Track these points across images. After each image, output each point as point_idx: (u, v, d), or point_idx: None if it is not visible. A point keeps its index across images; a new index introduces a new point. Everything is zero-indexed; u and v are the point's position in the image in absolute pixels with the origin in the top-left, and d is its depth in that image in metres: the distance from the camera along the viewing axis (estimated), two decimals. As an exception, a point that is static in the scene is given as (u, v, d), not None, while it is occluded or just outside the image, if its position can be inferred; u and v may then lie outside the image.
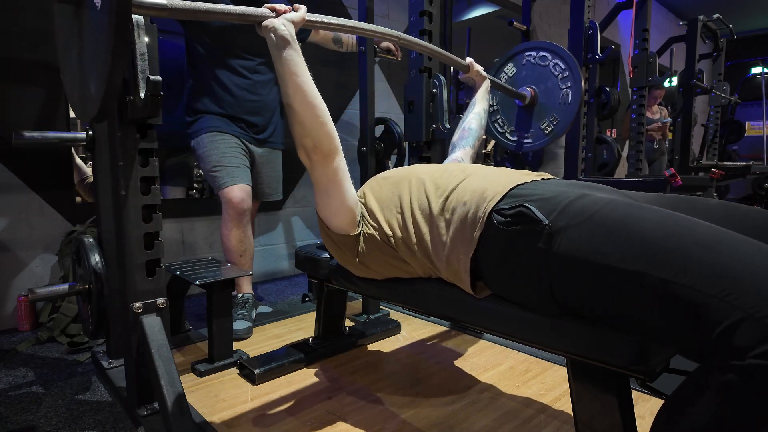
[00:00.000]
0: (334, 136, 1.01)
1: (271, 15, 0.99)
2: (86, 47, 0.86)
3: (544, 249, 0.75)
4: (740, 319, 0.54)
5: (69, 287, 1.34)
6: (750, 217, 0.83)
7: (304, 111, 0.97)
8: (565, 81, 1.82)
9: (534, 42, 2.00)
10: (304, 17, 1.03)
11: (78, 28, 0.90)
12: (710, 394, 0.56)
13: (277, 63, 0.97)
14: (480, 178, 0.93)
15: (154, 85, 0.99)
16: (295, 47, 0.97)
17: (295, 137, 1.01)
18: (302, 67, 0.97)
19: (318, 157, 1.00)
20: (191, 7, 0.92)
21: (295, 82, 0.96)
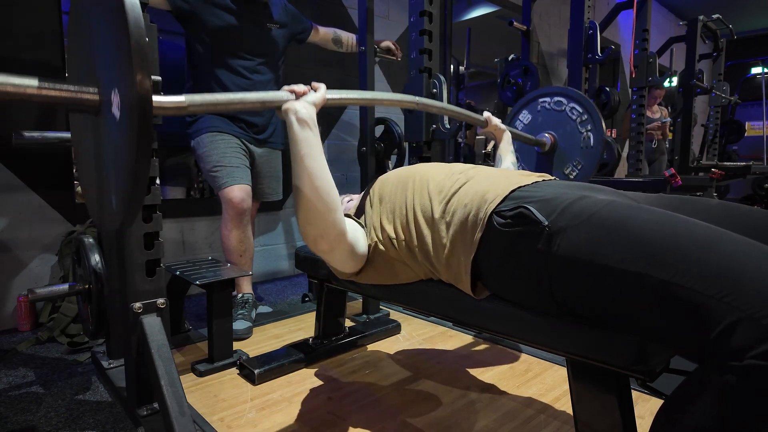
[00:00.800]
0: (340, 222, 0.94)
1: (291, 97, 0.95)
2: (105, 159, 0.80)
3: (544, 250, 0.75)
4: (738, 320, 0.54)
5: (69, 287, 1.34)
6: (750, 217, 0.83)
7: (312, 195, 0.90)
8: (585, 124, 1.78)
9: (547, 88, 1.96)
10: (324, 97, 0.99)
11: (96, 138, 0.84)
12: (709, 394, 0.56)
13: (293, 143, 0.93)
14: (481, 181, 0.93)
15: (154, 85, 0.99)
16: (315, 130, 0.93)
17: (299, 224, 0.95)
18: (318, 149, 0.93)
19: (325, 246, 0.95)
20: (211, 100, 0.88)
21: (308, 164, 0.91)
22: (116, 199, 0.75)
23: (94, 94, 0.75)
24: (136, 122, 0.64)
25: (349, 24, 3.01)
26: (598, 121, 1.76)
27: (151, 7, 1.45)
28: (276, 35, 1.96)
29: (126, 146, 0.67)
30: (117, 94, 0.69)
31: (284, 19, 1.99)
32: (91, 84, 0.76)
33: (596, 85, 3.43)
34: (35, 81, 0.68)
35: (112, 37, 0.70)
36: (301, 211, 0.92)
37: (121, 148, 0.70)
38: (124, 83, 0.66)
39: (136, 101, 0.63)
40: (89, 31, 0.81)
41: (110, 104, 0.71)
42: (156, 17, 1.13)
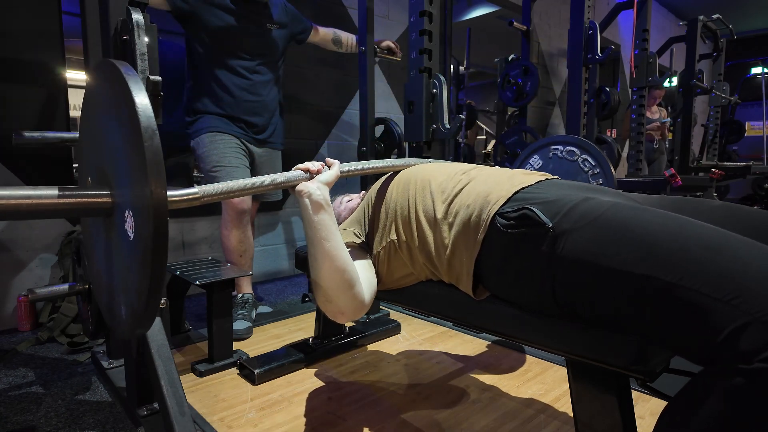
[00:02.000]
0: (360, 293, 0.93)
1: (305, 177, 0.93)
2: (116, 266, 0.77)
3: (548, 252, 0.75)
4: (747, 323, 0.54)
5: (69, 287, 1.34)
6: (753, 219, 0.83)
7: (331, 276, 0.90)
8: (596, 177, 1.77)
9: (560, 136, 1.96)
10: (338, 174, 0.98)
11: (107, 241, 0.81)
12: (716, 397, 0.55)
13: (308, 226, 0.91)
14: (483, 181, 0.93)
15: (154, 85, 0.99)
16: (329, 211, 0.92)
17: (317, 300, 0.94)
18: (334, 231, 0.92)
19: (348, 316, 0.95)
20: (224, 189, 0.85)
21: (325, 247, 0.90)
22: (126, 311, 0.72)
23: (106, 197, 0.74)
24: (152, 241, 0.62)
25: (349, 24, 3.01)
26: (610, 175, 1.75)
27: (151, 7, 1.44)
28: (276, 35, 1.96)
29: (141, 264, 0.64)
30: (131, 215, 0.67)
31: (284, 19, 1.99)
32: (103, 186, 0.75)
33: (596, 85, 3.44)
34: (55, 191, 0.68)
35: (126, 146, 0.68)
36: (319, 291, 0.92)
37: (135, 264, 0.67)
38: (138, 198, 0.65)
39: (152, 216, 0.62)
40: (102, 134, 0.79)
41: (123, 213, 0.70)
42: (156, 17, 1.13)
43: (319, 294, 0.92)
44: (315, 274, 0.91)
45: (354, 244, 1.05)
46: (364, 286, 0.95)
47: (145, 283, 0.63)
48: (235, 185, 0.86)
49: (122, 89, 0.66)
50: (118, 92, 0.69)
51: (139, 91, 0.65)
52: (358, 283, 0.93)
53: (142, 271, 0.64)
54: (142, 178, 0.62)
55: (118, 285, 0.77)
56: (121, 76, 0.67)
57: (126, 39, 1.04)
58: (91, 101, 0.84)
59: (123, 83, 0.66)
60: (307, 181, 0.93)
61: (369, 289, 0.97)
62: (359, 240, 1.06)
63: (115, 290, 0.79)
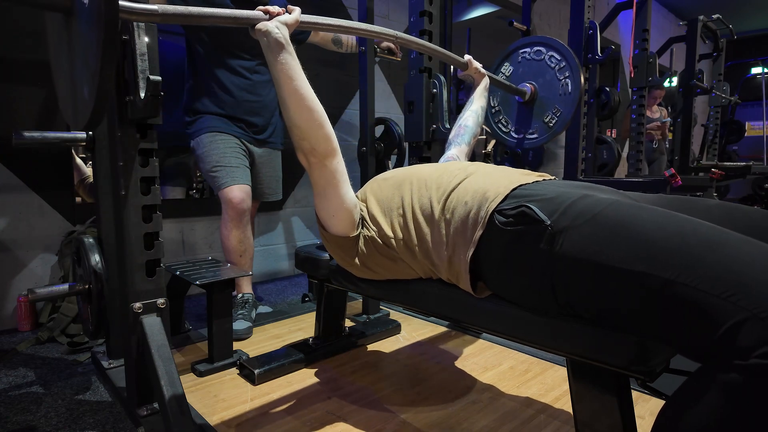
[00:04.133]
0: (331, 138, 1.00)
1: (264, 18, 0.97)
2: (77, 54, 0.86)
3: (546, 249, 0.75)
4: (744, 319, 0.54)
5: (69, 287, 1.34)
6: (751, 217, 0.83)
7: (300, 114, 0.96)
8: (563, 71, 1.82)
9: (527, 38, 2.00)
10: (298, 19, 1.01)
11: (68, 36, 0.89)
12: (714, 393, 0.56)
13: (272, 66, 0.96)
14: (481, 178, 0.93)
15: (154, 85, 0.99)
16: (290, 50, 0.96)
17: (293, 139, 1.00)
18: (297, 70, 0.96)
19: (316, 159, 1.00)
20: (183, 11, 0.90)
21: (291, 86, 0.95)
22: (88, 86, 0.79)
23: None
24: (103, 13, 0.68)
25: (349, 24, 3.01)
26: (576, 67, 1.79)
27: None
28: (276, 35, 1.95)
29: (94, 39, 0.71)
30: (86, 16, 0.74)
31: (284, 19, 1.99)
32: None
33: (596, 85, 3.43)
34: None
35: None
36: (293, 129, 0.97)
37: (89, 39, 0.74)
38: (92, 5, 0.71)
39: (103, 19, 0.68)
40: None
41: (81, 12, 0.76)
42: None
43: (293, 132, 0.98)
44: (286, 115, 0.97)
45: None
46: (341, 159, 1.03)
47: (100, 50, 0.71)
48: (195, 11, 0.92)
49: None
50: None
51: None
52: (328, 127, 0.99)
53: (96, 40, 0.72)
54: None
55: (78, 74, 0.85)
56: None
57: (126, 39, 1.04)
58: None
59: None
60: (266, 21, 0.96)
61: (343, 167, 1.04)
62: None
63: (76, 81, 0.87)
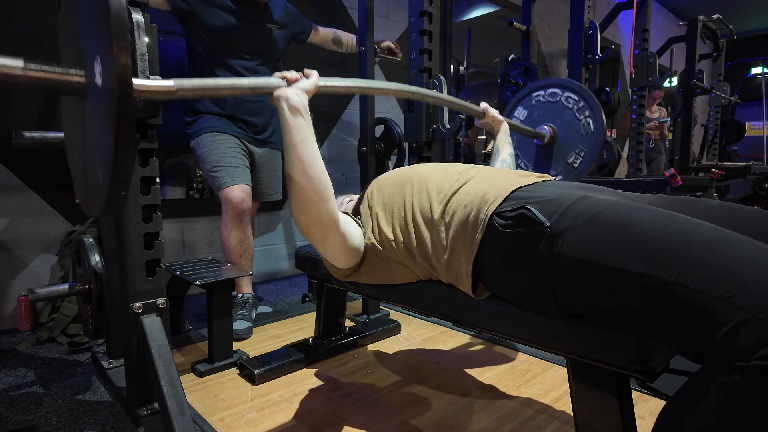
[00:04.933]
0: (333, 211, 0.93)
1: (283, 84, 0.94)
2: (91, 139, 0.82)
3: (546, 251, 0.75)
4: (744, 320, 0.54)
5: (69, 287, 1.34)
6: (751, 218, 0.83)
7: (304, 183, 0.90)
8: (582, 111, 1.75)
9: (540, 81, 1.94)
10: (316, 84, 0.98)
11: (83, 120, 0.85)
12: (714, 395, 0.55)
13: (285, 131, 0.92)
14: (481, 181, 0.93)
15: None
16: (307, 117, 0.92)
17: (293, 211, 0.95)
18: (310, 137, 0.92)
19: (317, 235, 0.94)
20: (200, 85, 0.86)
21: (299, 152, 0.90)
22: (102, 172, 0.76)
23: (80, 76, 0.75)
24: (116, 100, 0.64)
25: (349, 24, 3.01)
26: (596, 106, 1.71)
27: (151, 7, 1.44)
28: (276, 36, 1.96)
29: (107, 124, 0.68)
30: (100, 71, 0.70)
31: (284, 19, 1.99)
32: (79, 66, 0.77)
33: (596, 85, 3.43)
34: (20, 62, 0.69)
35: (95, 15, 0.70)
36: (293, 198, 0.92)
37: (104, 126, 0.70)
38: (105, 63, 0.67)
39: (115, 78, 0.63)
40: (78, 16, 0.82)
41: (94, 85, 0.72)
42: (156, 17, 1.13)
43: (294, 203, 0.92)
44: (289, 183, 0.92)
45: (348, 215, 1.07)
46: (342, 218, 0.97)
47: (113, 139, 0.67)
48: (212, 82, 0.88)
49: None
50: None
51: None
52: (332, 201, 0.92)
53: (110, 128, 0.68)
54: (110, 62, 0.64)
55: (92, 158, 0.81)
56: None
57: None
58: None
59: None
60: (285, 88, 0.94)
61: (345, 223, 0.98)
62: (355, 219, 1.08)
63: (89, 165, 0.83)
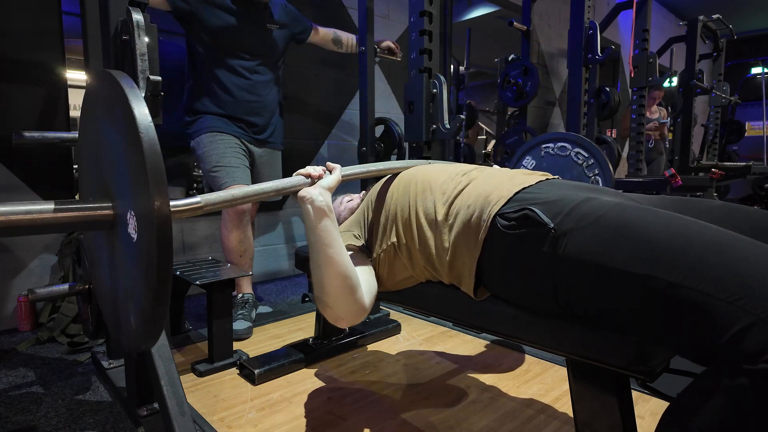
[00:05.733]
0: (362, 298, 0.93)
1: (307, 182, 0.93)
2: (123, 278, 0.77)
3: (549, 252, 0.74)
4: (751, 324, 0.54)
5: (69, 287, 1.34)
6: (754, 219, 0.82)
7: (333, 282, 0.89)
8: (591, 168, 1.75)
9: (550, 134, 1.94)
10: (339, 179, 0.98)
11: (111, 253, 0.81)
12: (720, 397, 0.55)
13: (310, 231, 0.91)
14: (484, 182, 0.93)
15: (154, 85, 0.99)
16: (332, 217, 0.92)
17: (318, 304, 0.93)
18: (336, 237, 0.91)
19: (345, 324, 0.95)
20: (227, 197, 0.84)
21: (329, 253, 0.89)
22: (135, 319, 0.71)
23: (108, 210, 0.74)
24: (156, 248, 0.63)
25: (349, 24, 3.01)
26: (605, 164, 1.72)
27: (151, 8, 1.44)
28: (276, 36, 1.96)
29: (146, 269, 0.64)
30: (133, 217, 0.67)
31: (284, 19, 1.99)
32: (104, 199, 0.74)
33: (596, 85, 3.44)
34: (51, 205, 0.68)
35: (127, 156, 0.67)
36: (324, 293, 0.90)
37: (140, 270, 0.67)
38: (141, 208, 0.65)
39: (155, 226, 0.62)
40: (101, 144, 0.79)
41: (126, 222, 0.69)
42: (156, 17, 1.13)
43: (321, 300, 0.92)
44: (317, 279, 0.91)
45: (354, 246, 1.04)
46: (365, 291, 0.95)
47: (151, 294, 0.63)
48: (238, 193, 0.86)
49: (121, 101, 0.65)
50: (116, 104, 0.68)
51: (138, 103, 0.64)
52: (360, 289, 0.92)
53: (147, 282, 0.64)
54: (145, 192, 0.62)
55: (123, 297, 0.76)
56: (120, 88, 0.66)
57: (126, 39, 1.04)
58: (91, 111, 0.83)
59: (122, 94, 0.65)
60: (309, 187, 0.93)
61: (369, 294, 0.97)
62: (359, 242, 1.06)
63: (120, 302, 0.78)
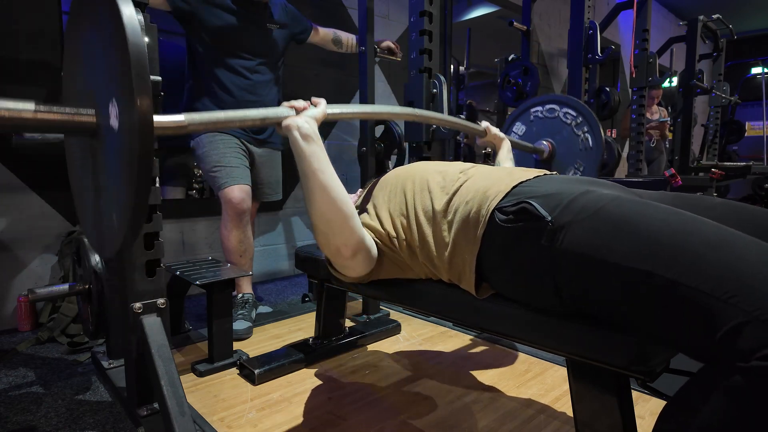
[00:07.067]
0: (359, 227, 0.94)
1: (292, 113, 0.95)
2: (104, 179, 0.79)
3: (548, 246, 0.74)
4: (745, 321, 0.54)
5: (69, 287, 1.34)
6: (757, 217, 0.82)
7: (329, 208, 0.90)
8: (580, 126, 1.77)
9: (537, 97, 1.96)
10: (325, 112, 0.99)
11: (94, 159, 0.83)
12: (716, 395, 0.55)
13: (300, 159, 0.92)
14: (482, 178, 0.93)
15: (154, 85, 0.99)
16: (319, 143, 0.93)
17: (318, 237, 0.95)
18: (327, 162, 0.92)
19: (347, 253, 0.94)
20: (210, 119, 0.87)
21: (320, 179, 0.90)
22: (117, 215, 0.73)
23: (91, 116, 0.74)
24: (138, 144, 0.63)
25: (349, 24, 3.01)
26: (594, 121, 1.74)
27: (151, 7, 1.44)
28: (276, 36, 1.96)
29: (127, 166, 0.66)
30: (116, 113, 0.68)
31: (284, 19, 1.99)
32: (88, 106, 0.75)
33: (596, 85, 3.43)
34: (32, 105, 0.68)
35: (110, 57, 0.68)
36: (320, 224, 0.92)
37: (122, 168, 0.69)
38: (124, 105, 0.65)
39: (137, 123, 0.62)
40: (86, 53, 0.80)
41: (108, 127, 0.70)
42: (156, 17, 1.13)
43: (320, 228, 0.93)
44: (312, 208, 0.92)
45: None
46: (363, 231, 0.96)
47: (132, 199, 0.67)
48: (222, 115, 0.88)
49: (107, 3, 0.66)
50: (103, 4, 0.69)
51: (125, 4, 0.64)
52: (356, 219, 0.93)
53: (129, 177, 0.67)
54: (129, 101, 0.62)
55: (106, 202, 0.80)
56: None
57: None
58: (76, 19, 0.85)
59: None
60: (294, 117, 0.95)
61: (367, 237, 0.98)
62: None
63: (103, 208, 0.82)
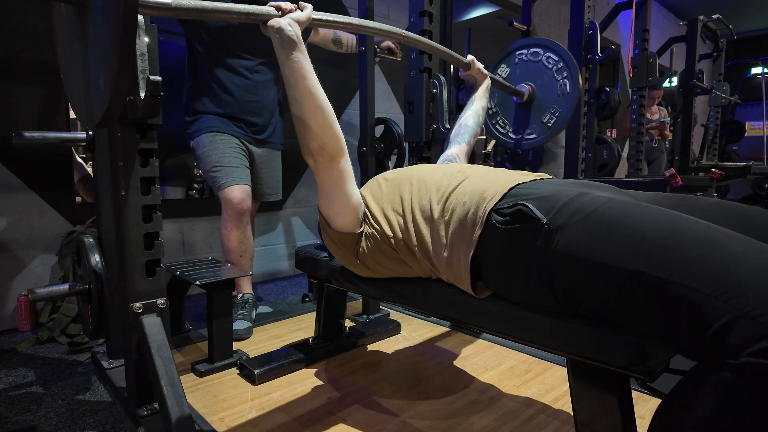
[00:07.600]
0: (340, 137, 1.00)
1: (277, 14, 0.97)
2: (91, 47, 0.86)
3: (543, 247, 0.75)
4: (735, 318, 0.54)
5: (69, 287, 1.34)
6: (750, 216, 0.83)
7: (311, 114, 0.96)
8: (560, 72, 1.83)
9: (524, 39, 2.02)
10: (310, 16, 1.01)
11: (81, 30, 0.89)
12: (707, 392, 0.56)
13: (284, 65, 0.96)
14: (479, 179, 0.93)
15: (154, 85, 0.99)
16: (302, 48, 0.96)
17: (300, 139, 1.00)
18: (309, 69, 0.96)
19: (324, 159, 0.99)
20: (196, 6, 0.91)
21: (303, 85, 0.95)
22: (104, 78, 0.80)
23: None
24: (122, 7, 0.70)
25: (349, 24, 3.01)
26: (574, 67, 1.80)
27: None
28: (276, 35, 1.96)
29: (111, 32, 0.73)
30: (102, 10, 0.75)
31: (284, 19, 1.99)
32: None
33: (596, 85, 3.43)
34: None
35: None
36: (303, 129, 0.97)
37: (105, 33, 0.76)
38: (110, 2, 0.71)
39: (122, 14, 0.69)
40: None
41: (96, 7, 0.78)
42: (156, 17, 1.13)
43: (302, 131, 0.98)
44: (297, 112, 0.97)
45: None
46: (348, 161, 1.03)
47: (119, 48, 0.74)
48: (209, 5, 0.92)
49: None
50: None
51: None
52: (338, 126, 1.00)
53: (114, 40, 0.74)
54: None
55: (92, 70, 0.87)
56: None
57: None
58: None
59: None
60: (278, 18, 0.96)
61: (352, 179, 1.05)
62: None
63: (90, 75, 0.89)
